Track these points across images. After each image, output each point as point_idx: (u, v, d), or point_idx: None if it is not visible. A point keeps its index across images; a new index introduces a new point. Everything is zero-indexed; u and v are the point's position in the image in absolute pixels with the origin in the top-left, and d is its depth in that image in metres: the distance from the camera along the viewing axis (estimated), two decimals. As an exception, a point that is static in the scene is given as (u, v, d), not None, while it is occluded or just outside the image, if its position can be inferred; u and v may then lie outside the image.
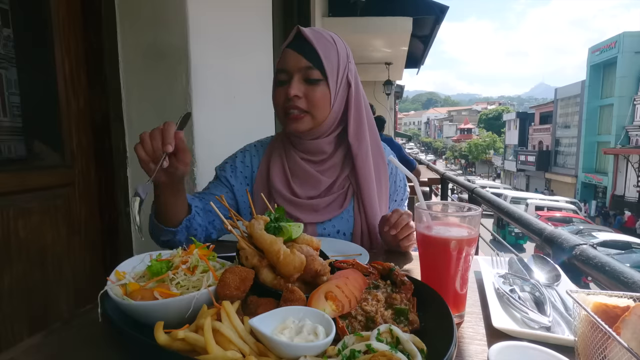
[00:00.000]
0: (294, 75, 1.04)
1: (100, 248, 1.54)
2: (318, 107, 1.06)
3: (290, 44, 1.06)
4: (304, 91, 1.04)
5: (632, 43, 22.60)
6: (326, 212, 1.14)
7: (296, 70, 1.04)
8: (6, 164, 1.25)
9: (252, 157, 1.23)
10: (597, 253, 0.98)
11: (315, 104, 1.05)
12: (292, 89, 1.03)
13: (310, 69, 1.03)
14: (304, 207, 1.13)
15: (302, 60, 1.03)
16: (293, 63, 1.04)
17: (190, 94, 1.51)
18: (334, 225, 1.15)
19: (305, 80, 1.04)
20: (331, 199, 1.14)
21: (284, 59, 1.06)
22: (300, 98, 1.04)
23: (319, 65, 1.04)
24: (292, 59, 1.04)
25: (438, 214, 0.75)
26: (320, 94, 1.05)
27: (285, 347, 0.49)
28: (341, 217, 1.15)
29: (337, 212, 1.14)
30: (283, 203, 1.13)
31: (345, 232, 1.16)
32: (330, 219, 1.14)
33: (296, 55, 1.04)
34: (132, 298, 0.58)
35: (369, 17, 4.89)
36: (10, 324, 1.18)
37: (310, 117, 1.07)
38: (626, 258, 11.19)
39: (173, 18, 1.48)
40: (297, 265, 0.64)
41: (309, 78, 1.04)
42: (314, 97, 1.05)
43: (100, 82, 1.49)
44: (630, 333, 0.47)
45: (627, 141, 22.31)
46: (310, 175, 1.14)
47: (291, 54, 1.05)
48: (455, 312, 0.70)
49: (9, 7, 1.25)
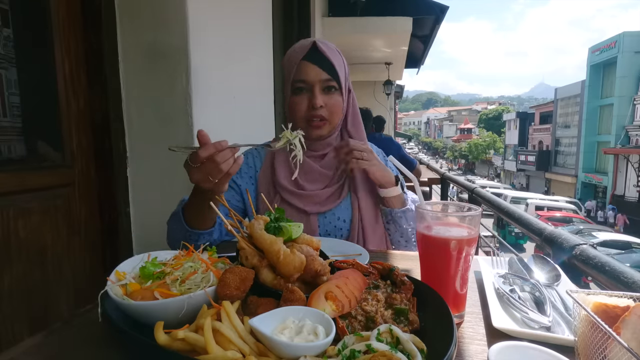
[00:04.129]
0: (315, 86, 1.15)
1: (100, 248, 1.54)
2: (336, 114, 1.19)
3: (307, 57, 1.15)
4: (325, 100, 1.16)
5: (632, 43, 22.59)
6: (328, 203, 1.22)
7: (317, 81, 1.15)
8: (6, 164, 1.25)
9: (254, 158, 1.30)
10: (597, 253, 0.98)
11: (333, 111, 1.18)
12: (317, 100, 1.14)
13: (329, 81, 1.16)
14: (308, 198, 1.21)
15: (322, 72, 1.14)
16: (314, 75, 1.14)
17: (190, 94, 1.51)
18: (334, 213, 1.23)
19: (324, 90, 1.16)
20: (331, 190, 1.23)
21: (303, 71, 1.15)
22: (323, 108, 1.16)
23: (336, 76, 1.16)
24: (312, 71, 1.14)
25: (438, 214, 0.75)
26: (337, 102, 1.18)
27: (285, 347, 0.49)
28: (340, 206, 1.23)
29: (337, 201, 1.23)
30: (288, 195, 1.20)
31: (345, 219, 1.23)
32: (332, 208, 1.23)
33: (316, 68, 1.14)
34: (132, 298, 0.58)
35: (369, 17, 4.88)
36: (10, 324, 1.18)
37: (329, 123, 1.19)
38: (626, 258, 11.19)
39: (173, 18, 1.48)
40: (297, 265, 0.64)
41: (328, 88, 1.16)
42: (333, 105, 1.18)
43: (100, 82, 1.49)
44: (630, 333, 0.47)
45: (627, 141, 22.31)
46: (314, 170, 1.23)
47: (311, 67, 1.14)
48: (455, 312, 0.70)
49: (9, 7, 1.25)
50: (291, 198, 1.20)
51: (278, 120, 2.75)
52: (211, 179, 0.88)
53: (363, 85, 9.00)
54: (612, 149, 22.55)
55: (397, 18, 4.91)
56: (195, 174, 0.89)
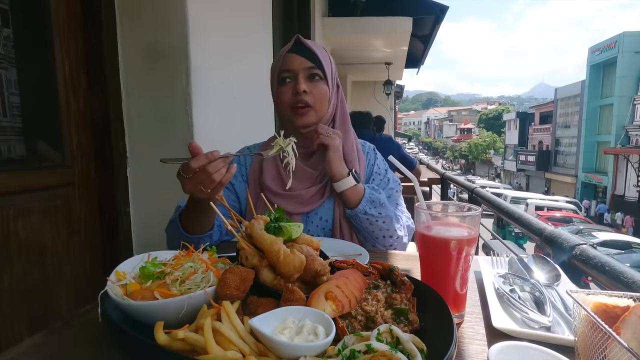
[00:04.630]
0: (299, 73, 1.16)
1: (100, 248, 1.54)
2: (321, 102, 1.19)
3: (291, 50, 1.18)
4: (309, 87, 1.16)
5: (632, 43, 22.58)
6: (310, 203, 1.21)
7: (301, 69, 1.16)
8: (6, 164, 1.25)
9: (245, 157, 1.32)
10: (597, 253, 0.98)
11: (318, 99, 1.18)
12: (301, 85, 1.15)
13: (314, 69, 1.17)
14: (291, 198, 1.20)
15: (306, 61, 1.16)
16: (298, 63, 1.16)
17: (190, 94, 1.51)
18: (317, 212, 1.22)
19: (309, 77, 1.17)
20: (314, 190, 1.22)
21: (287, 61, 1.17)
22: (307, 93, 1.16)
23: (320, 66, 1.18)
24: (296, 61, 1.17)
25: (438, 214, 0.75)
26: (322, 90, 1.19)
27: (285, 347, 0.49)
28: (323, 206, 1.23)
29: (320, 201, 1.22)
30: (271, 197, 1.20)
31: (328, 219, 1.22)
32: (314, 209, 1.22)
33: (299, 57, 1.17)
34: (132, 298, 0.58)
35: (368, 17, 4.88)
36: (10, 324, 1.18)
37: (314, 111, 1.18)
38: (626, 258, 11.18)
39: (173, 18, 1.48)
40: (297, 265, 0.64)
41: (312, 76, 1.17)
42: (318, 92, 1.18)
43: (100, 82, 1.49)
44: (630, 333, 0.47)
45: (627, 141, 22.30)
46: (300, 169, 1.22)
47: (294, 56, 1.17)
48: (455, 312, 0.70)
49: (9, 7, 1.25)
50: (274, 198, 1.20)
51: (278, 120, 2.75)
52: (203, 189, 0.89)
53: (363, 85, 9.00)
54: (612, 149, 22.54)
55: (397, 18, 4.91)
56: (188, 184, 0.90)
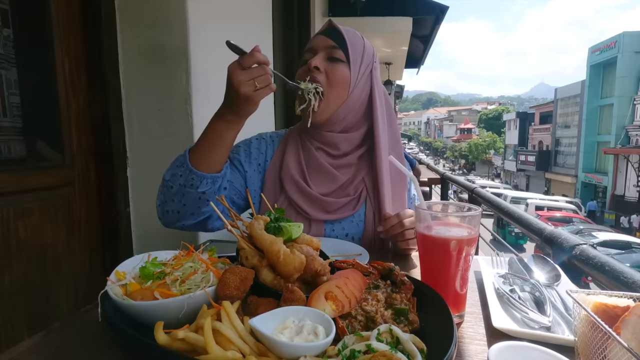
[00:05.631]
0: (319, 52, 1.08)
1: (100, 248, 1.53)
2: (335, 87, 1.07)
3: (320, 32, 1.12)
4: (326, 67, 1.07)
5: (632, 43, 22.57)
6: (337, 213, 1.12)
7: (321, 48, 1.09)
8: (6, 164, 1.25)
9: (267, 146, 1.22)
10: (597, 253, 0.98)
11: (333, 82, 1.06)
12: (314, 60, 1.06)
13: (335, 48, 1.07)
14: (315, 202, 1.11)
15: (329, 40, 1.08)
16: (320, 42, 1.09)
17: (190, 94, 1.51)
18: (344, 227, 1.13)
19: (329, 58, 1.08)
20: (344, 200, 1.12)
21: (311, 42, 1.12)
22: (320, 72, 1.06)
23: (344, 47, 1.07)
24: (320, 40, 1.10)
25: (438, 214, 0.75)
26: (340, 72, 1.07)
27: (285, 347, 0.49)
28: (351, 221, 1.13)
29: (349, 214, 1.12)
30: (294, 193, 1.11)
31: (354, 236, 1.13)
32: (340, 220, 1.12)
33: (324, 37, 1.10)
34: (132, 298, 0.58)
35: (368, 17, 4.88)
36: (10, 324, 1.18)
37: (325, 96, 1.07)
38: (626, 258, 11.17)
39: (173, 18, 1.48)
40: (297, 265, 0.64)
41: (332, 56, 1.08)
42: (334, 74, 1.06)
43: (100, 82, 1.49)
44: (630, 333, 0.47)
45: (627, 141, 22.30)
46: (324, 168, 1.12)
47: (319, 37, 1.11)
48: (455, 312, 0.70)
49: (8, 7, 1.25)
50: (297, 196, 1.10)
51: (278, 120, 2.75)
52: (257, 85, 0.89)
53: (363, 85, 8.97)
54: (612, 149, 22.53)
55: (397, 18, 4.91)
56: (242, 74, 0.88)
